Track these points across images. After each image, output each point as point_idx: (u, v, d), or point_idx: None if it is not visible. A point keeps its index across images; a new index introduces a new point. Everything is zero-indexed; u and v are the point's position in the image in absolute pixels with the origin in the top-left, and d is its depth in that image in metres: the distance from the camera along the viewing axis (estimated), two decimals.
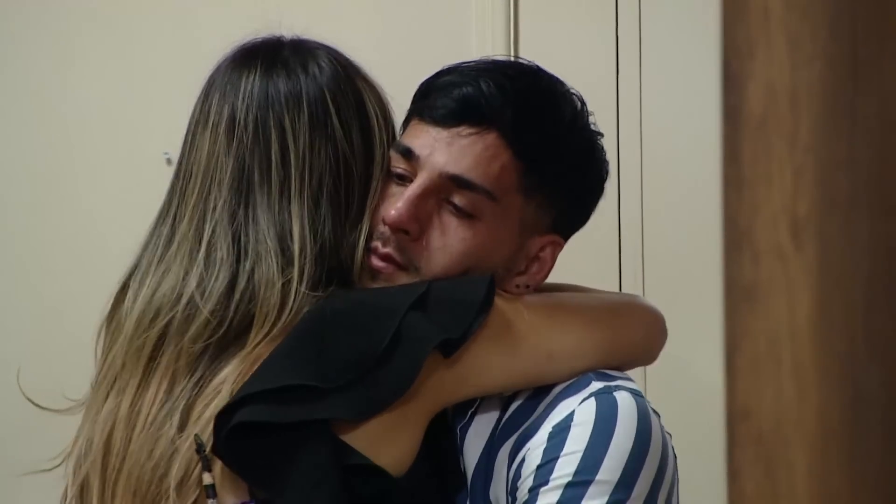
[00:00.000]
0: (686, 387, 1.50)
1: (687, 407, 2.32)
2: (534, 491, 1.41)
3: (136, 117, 2.71)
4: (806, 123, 0.78)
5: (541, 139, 1.51)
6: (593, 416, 1.42)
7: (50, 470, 1.54)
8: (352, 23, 1.52)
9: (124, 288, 1.54)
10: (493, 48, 2.54)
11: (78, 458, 1.52)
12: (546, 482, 1.40)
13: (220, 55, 1.60)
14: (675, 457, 1.48)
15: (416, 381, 1.40)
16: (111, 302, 1.55)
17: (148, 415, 1.46)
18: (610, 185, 1.61)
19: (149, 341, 1.48)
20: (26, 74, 2.76)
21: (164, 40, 2.71)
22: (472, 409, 1.52)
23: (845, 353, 0.78)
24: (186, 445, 1.42)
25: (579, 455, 1.40)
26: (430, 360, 1.41)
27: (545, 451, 1.42)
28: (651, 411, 1.45)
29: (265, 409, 1.37)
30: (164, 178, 1.56)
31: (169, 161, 2.67)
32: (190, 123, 1.56)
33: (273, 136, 1.49)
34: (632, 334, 1.57)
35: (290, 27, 1.60)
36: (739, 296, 0.80)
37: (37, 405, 1.58)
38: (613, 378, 1.49)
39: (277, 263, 1.45)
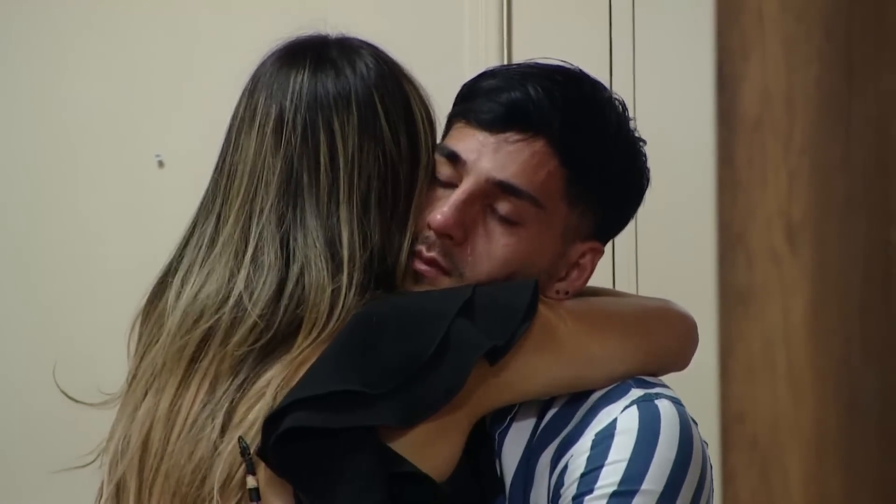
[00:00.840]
0: (680, 390, 1.50)
1: None
2: (578, 499, 1.41)
3: (129, 120, 2.71)
4: (801, 126, 0.78)
5: (588, 147, 1.51)
6: (637, 425, 1.42)
7: (84, 466, 1.54)
8: (343, 22, 1.52)
9: (162, 284, 1.53)
10: (486, 50, 2.54)
11: (114, 456, 1.50)
12: (591, 490, 1.40)
13: (210, 58, 1.59)
14: (712, 466, 1.48)
15: (463, 388, 1.40)
16: (147, 297, 1.54)
17: (187, 416, 1.45)
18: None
19: (191, 342, 1.47)
20: (19, 76, 2.75)
21: (157, 43, 2.71)
22: (511, 415, 1.52)
23: (841, 356, 0.78)
24: (229, 448, 1.41)
25: (624, 464, 1.40)
26: (475, 367, 1.41)
27: (589, 458, 1.42)
28: (691, 420, 1.46)
29: (314, 414, 1.36)
30: (155, 180, 1.56)
31: (161, 163, 2.66)
32: (233, 121, 1.54)
33: (322, 138, 1.48)
34: (667, 340, 1.58)
35: (287, 28, 1.59)
36: (734, 299, 0.80)
37: (72, 399, 1.57)
38: (652, 385, 1.49)
39: (328, 269, 1.44)
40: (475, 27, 2.59)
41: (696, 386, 1.60)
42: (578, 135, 1.50)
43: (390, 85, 1.51)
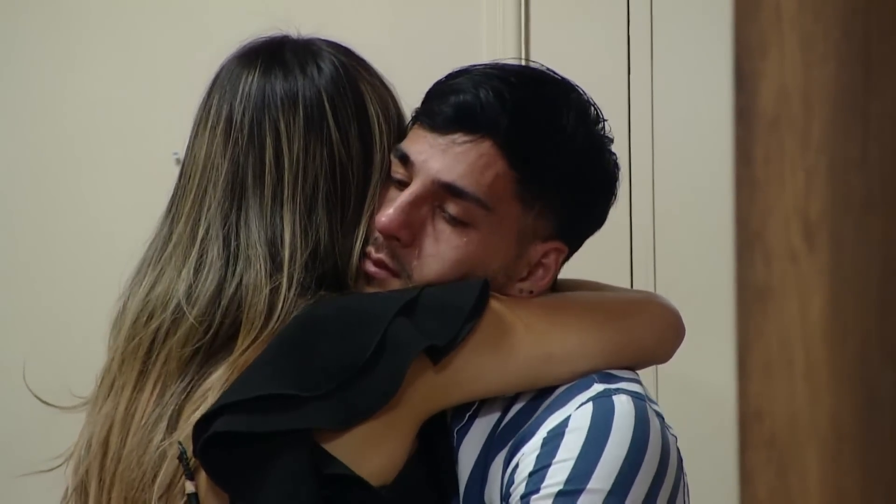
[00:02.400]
0: (698, 389, 1.49)
1: (699, 409, 2.31)
2: (525, 498, 1.39)
3: (146, 117, 2.71)
4: (818, 123, 0.78)
5: (537, 149, 1.50)
6: (588, 423, 1.41)
7: (50, 470, 1.54)
8: (361, 23, 1.52)
9: (130, 285, 1.54)
10: (503, 47, 2.54)
11: (78, 459, 1.51)
12: (537, 490, 1.39)
13: (229, 54, 1.60)
14: (681, 458, 1.46)
15: (399, 389, 1.38)
16: (120, 301, 1.55)
17: (142, 418, 1.45)
18: (621, 186, 1.60)
19: (143, 342, 1.47)
20: (34, 73, 2.76)
21: (174, 39, 2.71)
22: (471, 412, 1.51)
23: (858, 354, 0.78)
24: (172, 452, 1.41)
25: (571, 463, 1.38)
26: (418, 367, 1.40)
27: (538, 457, 1.41)
28: (652, 413, 1.43)
29: (243, 418, 1.36)
30: (173, 178, 1.56)
31: (178, 161, 2.67)
32: (193, 123, 1.55)
33: (268, 139, 1.48)
34: (643, 333, 1.56)
35: (299, 27, 1.59)
36: (751, 297, 0.80)
37: (44, 402, 1.57)
38: (617, 379, 1.47)
39: (266, 269, 1.44)
40: (493, 25, 2.59)
41: (713, 384, 1.60)
42: (527, 137, 1.49)
43: (342, 87, 1.51)
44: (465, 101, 1.48)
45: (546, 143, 1.51)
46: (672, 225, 2.50)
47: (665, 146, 2.50)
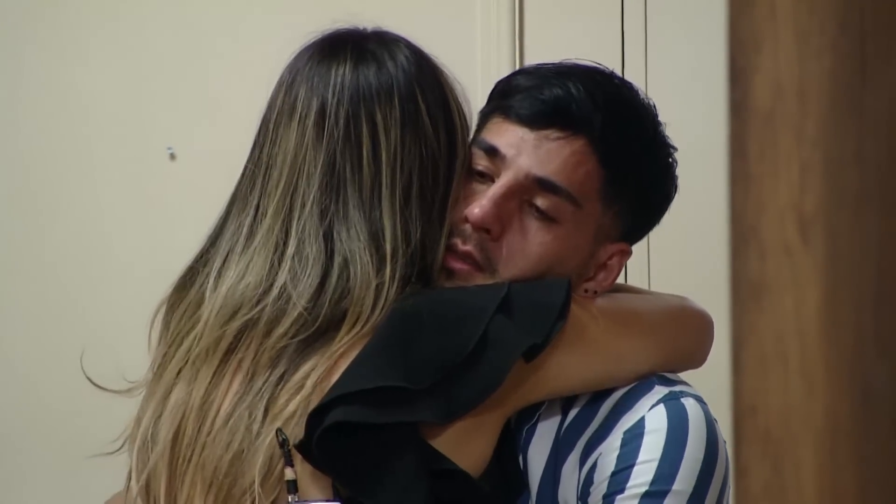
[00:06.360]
0: (693, 384, 1.50)
1: None
2: (609, 498, 1.41)
3: (141, 112, 2.71)
4: (813, 118, 0.78)
5: (627, 149, 1.51)
6: (665, 424, 1.43)
7: (112, 453, 1.53)
8: (354, 20, 1.51)
9: (192, 273, 1.52)
10: (497, 44, 2.54)
11: (143, 444, 1.50)
12: (622, 490, 1.41)
13: (221, 50, 1.59)
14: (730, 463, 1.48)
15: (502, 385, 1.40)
16: (175, 286, 1.53)
17: (220, 407, 1.45)
18: None
19: (228, 333, 1.46)
20: (32, 68, 2.76)
21: (169, 35, 2.71)
22: (540, 412, 1.52)
23: (853, 349, 0.78)
24: (268, 440, 1.40)
25: (655, 464, 1.41)
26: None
27: (619, 457, 1.43)
28: (714, 419, 1.47)
29: (359, 409, 1.36)
30: (167, 172, 1.56)
31: (173, 156, 2.67)
32: (270, 113, 1.53)
33: (364, 131, 1.47)
34: (686, 338, 1.58)
35: (296, 27, 1.58)
36: (746, 292, 0.80)
37: (97, 386, 1.57)
38: (674, 382, 1.50)
39: (373, 263, 1.44)
40: (487, 21, 2.59)
41: (708, 379, 1.60)
42: (618, 136, 1.50)
43: (429, 79, 1.51)
44: (560, 95, 1.48)
45: (634, 144, 1.53)
46: (666, 220, 2.49)
47: None
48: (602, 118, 1.48)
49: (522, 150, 1.48)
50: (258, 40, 2.51)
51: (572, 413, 1.51)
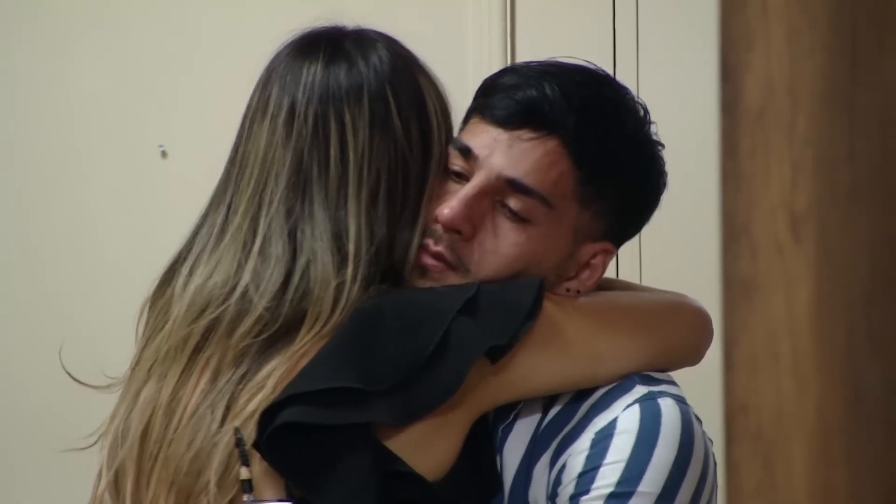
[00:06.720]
0: (684, 382, 1.50)
1: None
2: (575, 499, 1.40)
3: (132, 110, 2.71)
4: (805, 116, 0.78)
5: (602, 149, 1.50)
6: (637, 425, 1.42)
7: (84, 448, 1.53)
8: (346, 19, 1.51)
9: (171, 272, 1.52)
10: (489, 41, 2.54)
11: (115, 441, 1.50)
12: (587, 491, 1.40)
13: (212, 48, 1.59)
14: (716, 463, 1.47)
15: (460, 388, 1.39)
16: (156, 284, 1.53)
17: (187, 405, 1.45)
18: None
19: (196, 331, 1.46)
20: (22, 67, 2.75)
21: (160, 32, 2.71)
22: (516, 411, 1.51)
23: (845, 347, 0.78)
24: (226, 439, 1.41)
25: (622, 465, 1.39)
26: (475, 366, 1.40)
27: (587, 458, 1.42)
28: (693, 417, 1.45)
29: (311, 409, 1.36)
30: (158, 169, 1.56)
31: (164, 153, 2.67)
32: (247, 111, 1.53)
33: (332, 131, 1.47)
34: (679, 335, 1.57)
35: (289, 25, 1.58)
36: (738, 290, 0.80)
37: (78, 381, 1.57)
38: (658, 382, 1.48)
39: (333, 263, 1.44)
40: (479, 20, 2.59)
41: (700, 377, 1.60)
42: (593, 136, 1.49)
43: (404, 78, 1.50)
44: (533, 96, 1.48)
45: (610, 144, 1.51)
46: (658, 218, 2.49)
47: None
48: (577, 119, 1.47)
49: (495, 150, 1.48)
50: (250, 38, 2.51)
51: (552, 412, 1.50)
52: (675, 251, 2.49)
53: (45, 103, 2.74)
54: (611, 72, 2.53)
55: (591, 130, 1.49)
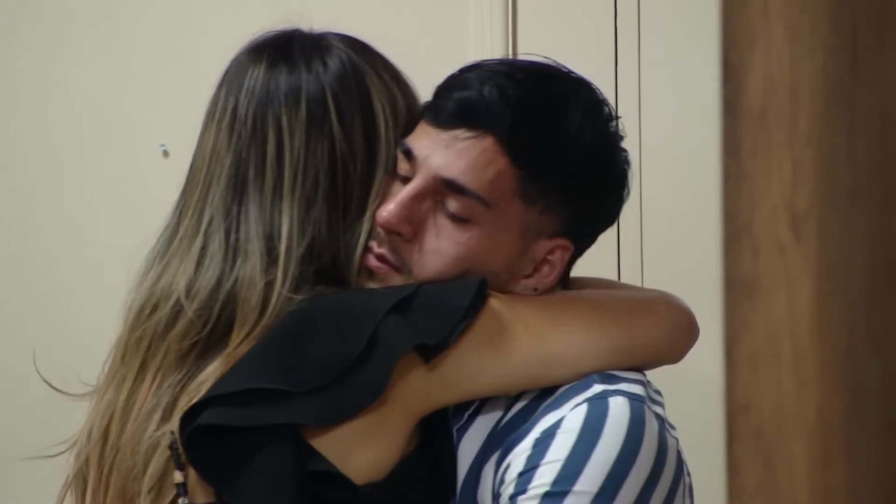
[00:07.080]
0: (685, 381, 1.49)
1: (686, 401, 2.31)
2: (513, 499, 1.39)
3: (134, 109, 2.71)
4: (806, 116, 0.78)
5: (540, 146, 1.49)
6: (580, 424, 1.40)
7: (55, 455, 1.54)
8: (348, 20, 1.51)
9: (139, 276, 1.54)
10: (490, 37, 2.54)
11: (80, 447, 1.52)
12: (524, 491, 1.38)
13: (214, 47, 1.60)
14: (682, 460, 1.45)
15: (386, 388, 1.38)
16: (129, 292, 1.55)
17: (140, 409, 1.46)
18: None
19: (146, 334, 1.48)
20: (24, 66, 2.75)
21: (162, 31, 2.71)
22: (471, 411, 1.51)
23: (845, 347, 0.78)
24: (165, 443, 1.42)
25: (560, 464, 1.38)
26: (409, 365, 1.40)
27: (528, 458, 1.40)
28: (650, 415, 1.42)
29: (228, 411, 1.36)
30: (160, 169, 1.56)
31: (166, 153, 2.67)
32: (204, 116, 1.56)
33: (270, 133, 1.48)
34: (650, 332, 1.55)
35: (289, 24, 1.58)
36: (739, 290, 0.80)
37: (56, 389, 1.57)
38: (618, 380, 1.46)
39: (262, 263, 1.44)
40: (480, 21, 2.59)
41: (701, 377, 1.59)
42: (530, 134, 1.48)
43: (347, 82, 1.51)
44: (468, 97, 1.48)
45: (549, 140, 1.50)
46: (659, 217, 2.50)
47: (652, 139, 2.50)
48: (512, 116, 1.47)
49: (433, 151, 1.48)
50: (251, 37, 2.50)
51: (513, 410, 1.49)
52: (677, 250, 2.49)
53: (46, 103, 2.74)
54: (612, 71, 2.53)
55: (527, 128, 1.48)
